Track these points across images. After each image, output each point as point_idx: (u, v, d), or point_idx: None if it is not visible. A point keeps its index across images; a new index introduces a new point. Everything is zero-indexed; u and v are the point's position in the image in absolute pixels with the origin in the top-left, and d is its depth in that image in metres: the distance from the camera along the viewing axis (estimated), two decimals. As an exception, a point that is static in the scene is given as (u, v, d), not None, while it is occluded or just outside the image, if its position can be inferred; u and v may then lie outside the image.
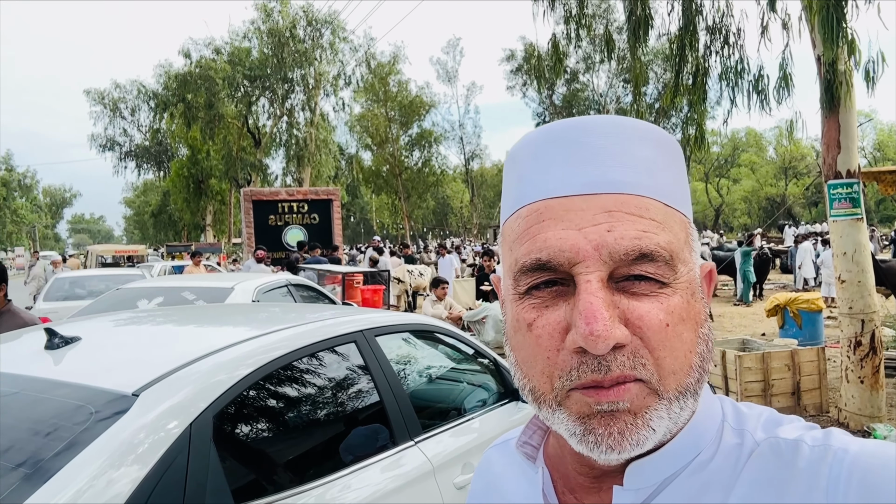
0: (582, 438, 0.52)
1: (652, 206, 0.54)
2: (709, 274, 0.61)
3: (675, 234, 0.55)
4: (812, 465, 0.52)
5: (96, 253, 27.05)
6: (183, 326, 2.45)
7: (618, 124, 0.57)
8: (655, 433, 0.52)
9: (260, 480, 1.83)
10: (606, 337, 0.48)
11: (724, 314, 12.78)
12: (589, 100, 36.96)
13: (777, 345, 6.46)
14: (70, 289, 9.73)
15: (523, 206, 0.57)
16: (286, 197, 16.50)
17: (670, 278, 0.53)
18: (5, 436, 1.52)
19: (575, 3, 6.93)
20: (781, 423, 0.59)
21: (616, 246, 0.51)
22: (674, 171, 0.58)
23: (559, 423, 0.54)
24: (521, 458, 0.67)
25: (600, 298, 0.50)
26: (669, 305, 0.52)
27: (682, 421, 0.54)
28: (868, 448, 0.52)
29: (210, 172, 38.14)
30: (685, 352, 0.52)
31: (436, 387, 3.10)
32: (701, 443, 0.57)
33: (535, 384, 0.54)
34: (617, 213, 0.53)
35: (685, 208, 0.59)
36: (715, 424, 0.59)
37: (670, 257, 0.53)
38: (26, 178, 76.95)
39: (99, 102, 39.41)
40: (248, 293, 5.52)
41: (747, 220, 49.52)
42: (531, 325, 0.54)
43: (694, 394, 0.54)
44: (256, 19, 31.40)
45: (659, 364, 0.51)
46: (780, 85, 5.32)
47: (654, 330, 0.51)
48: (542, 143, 0.58)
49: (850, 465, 0.51)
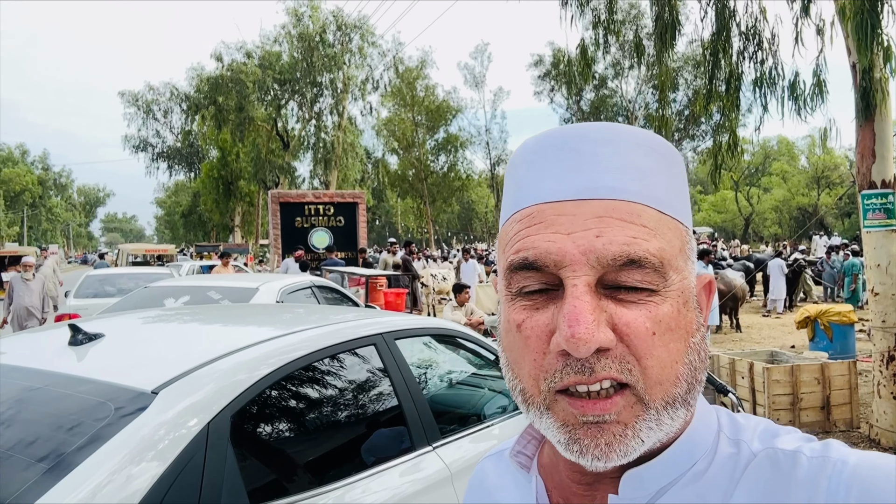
0: (567, 446, 0.53)
1: (644, 212, 0.54)
2: (708, 285, 0.61)
3: (667, 242, 0.54)
4: (811, 476, 0.52)
5: (127, 252, 27.62)
6: (204, 325, 2.48)
7: (613, 131, 0.57)
8: (644, 444, 0.52)
9: (276, 481, 1.83)
10: (588, 340, 0.49)
11: (753, 325, 12.55)
12: (617, 106, 36.65)
13: (807, 357, 6.31)
14: (100, 286, 9.93)
15: (518, 210, 0.58)
16: (312, 199, 16.64)
17: (660, 286, 0.53)
18: (28, 429, 1.55)
19: (604, 8, 6.88)
20: (778, 434, 0.58)
21: (604, 251, 0.51)
22: (670, 179, 0.58)
23: (546, 428, 0.54)
24: (515, 467, 0.67)
25: (585, 302, 0.50)
26: (658, 314, 0.52)
27: (672, 431, 0.54)
28: (867, 460, 0.52)
29: (239, 174, 38.65)
30: (671, 362, 0.52)
31: (455, 392, 3.09)
32: (697, 452, 0.57)
33: (524, 385, 0.55)
34: (607, 218, 0.53)
35: (683, 217, 0.58)
36: (711, 434, 0.59)
37: (660, 264, 0.52)
38: (61, 177, 78.98)
39: (133, 104, 40.19)
40: (273, 294, 5.58)
41: (778, 230, 48.60)
42: (520, 326, 0.54)
43: (684, 403, 0.54)
44: (287, 23, 31.76)
45: (645, 373, 0.51)
46: (814, 92, 5.21)
47: (640, 338, 0.51)
48: (539, 149, 0.59)
49: (850, 477, 0.50)
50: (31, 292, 8.99)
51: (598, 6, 6.95)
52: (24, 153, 71.27)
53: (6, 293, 9.19)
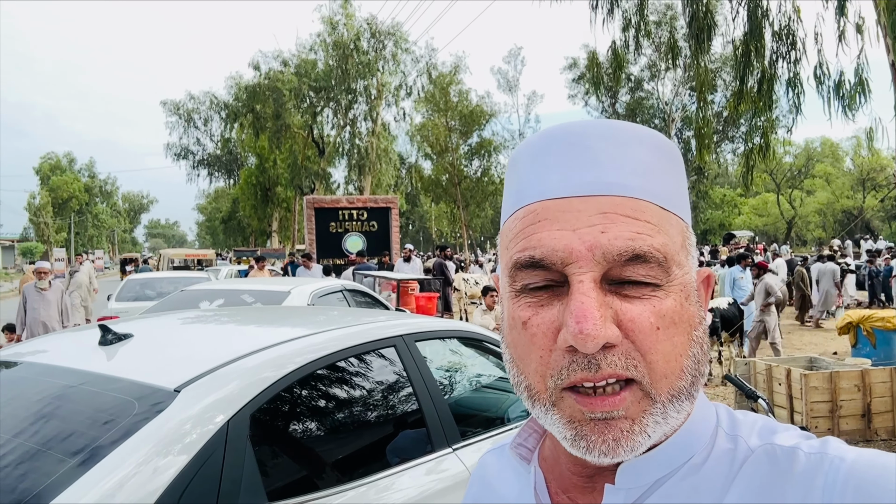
0: (574, 443, 0.53)
1: (647, 208, 0.55)
2: (706, 279, 0.62)
3: (670, 237, 0.55)
4: (808, 472, 0.52)
5: (168, 256, 28.33)
6: (226, 326, 2.54)
7: (615, 128, 0.58)
8: (650, 438, 0.52)
9: (292, 477, 1.86)
10: (596, 336, 0.49)
11: (794, 332, 12.21)
12: (654, 108, 36.15)
13: (847, 364, 6.12)
14: (140, 290, 10.25)
15: (521, 207, 0.58)
16: (346, 205, 16.84)
17: (664, 280, 0.53)
18: (56, 424, 1.61)
19: (633, 10, 6.81)
20: (777, 430, 0.58)
21: (610, 247, 0.52)
22: (671, 176, 0.59)
23: (552, 424, 0.54)
24: (515, 459, 0.68)
25: (592, 298, 0.50)
26: (661, 308, 0.52)
27: (677, 423, 0.55)
28: (865, 456, 0.52)
29: (276, 180, 39.32)
30: (676, 355, 0.53)
31: (479, 395, 3.09)
32: (695, 445, 0.57)
33: (529, 382, 0.55)
34: (612, 214, 0.53)
35: (683, 213, 0.59)
36: (709, 429, 0.59)
37: (664, 259, 0.53)
38: (107, 184, 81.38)
39: (174, 113, 41.31)
40: (304, 297, 5.66)
41: (822, 234, 47.18)
42: (526, 323, 0.54)
43: (689, 396, 0.54)
44: (322, 32, 32.26)
45: (651, 367, 0.51)
46: (856, 91, 5.06)
47: (644, 333, 0.51)
48: (542, 146, 0.59)
49: (847, 473, 0.50)
50: (48, 304, 8.04)
51: (627, 8, 6.89)
52: (71, 161, 73.67)
53: (19, 305, 8.20)
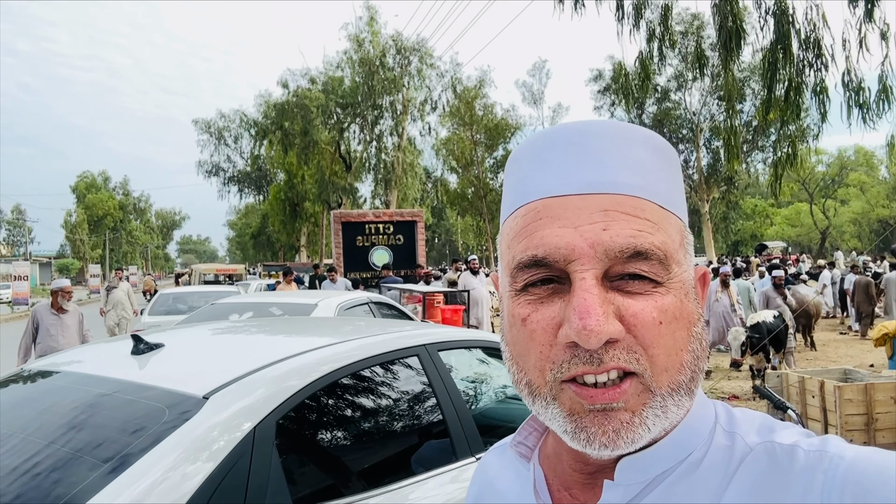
0: (574, 435, 0.53)
1: (647, 207, 0.55)
2: (702, 277, 0.62)
3: (669, 236, 0.56)
4: (807, 469, 0.52)
5: (199, 271, 28.85)
6: (255, 336, 2.59)
7: (615, 127, 0.59)
8: (651, 431, 0.53)
9: (318, 485, 1.89)
10: (599, 332, 0.50)
11: (829, 343, 11.93)
12: (681, 118, 35.80)
13: (884, 376, 5.96)
14: (173, 304, 10.51)
15: (522, 205, 0.59)
16: (373, 218, 16.95)
17: (664, 277, 0.54)
18: (89, 431, 1.67)
19: (658, 21, 6.80)
20: (776, 428, 0.58)
21: (611, 244, 0.52)
22: (669, 176, 0.60)
23: (552, 419, 0.55)
24: (515, 457, 0.68)
25: (594, 295, 0.51)
26: (663, 304, 0.53)
27: (677, 419, 0.55)
28: (864, 455, 0.52)
29: (305, 196, 39.80)
30: (677, 350, 0.53)
31: (505, 406, 3.09)
32: (694, 442, 0.58)
33: (530, 377, 0.56)
34: (613, 212, 0.54)
35: (681, 212, 0.60)
36: (707, 426, 0.59)
37: (664, 257, 0.54)
38: (140, 201, 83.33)
39: (205, 131, 42.21)
40: (331, 309, 5.72)
41: (857, 244, 46.04)
42: (525, 320, 0.55)
43: (688, 391, 0.54)
44: (349, 49, 32.72)
45: (652, 361, 0.52)
46: (880, 98, 4.98)
47: (647, 327, 0.52)
48: (542, 144, 0.60)
49: (846, 471, 0.50)
50: (66, 329, 6.48)
51: (652, 20, 6.89)
52: (106, 180, 75.67)
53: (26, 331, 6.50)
